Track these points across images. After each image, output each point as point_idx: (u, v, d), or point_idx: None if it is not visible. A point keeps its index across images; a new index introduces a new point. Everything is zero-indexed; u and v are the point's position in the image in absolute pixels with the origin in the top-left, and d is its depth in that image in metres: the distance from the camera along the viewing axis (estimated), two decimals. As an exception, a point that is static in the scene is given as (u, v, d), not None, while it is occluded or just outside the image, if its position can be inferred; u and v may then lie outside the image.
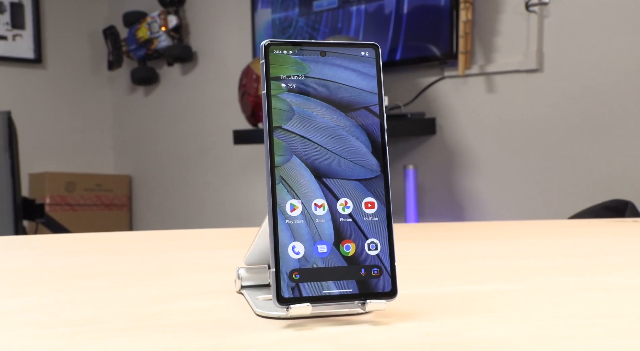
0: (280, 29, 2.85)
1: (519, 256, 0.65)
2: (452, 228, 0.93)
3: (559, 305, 0.44)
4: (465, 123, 2.38)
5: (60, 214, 3.58)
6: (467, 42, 2.29)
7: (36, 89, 3.80)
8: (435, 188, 2.45)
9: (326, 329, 0.38)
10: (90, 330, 0.37)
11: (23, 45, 3.80)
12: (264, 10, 2.92)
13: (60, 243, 0.77)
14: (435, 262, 0.61)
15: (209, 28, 3.34)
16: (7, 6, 3.80)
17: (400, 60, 2.46)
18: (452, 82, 2.39)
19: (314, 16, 2.71)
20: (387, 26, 2.47)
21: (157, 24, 3.40)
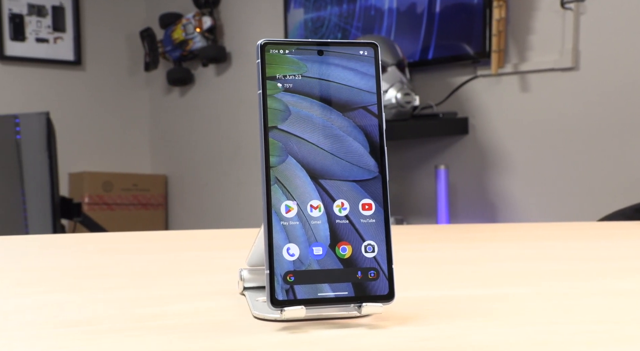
0: (313, 29, 2.85)
1: (535, 259, 0.64)
2: (473, 230, 0.92)
3: (564, 309, 0.42)
4: (498, 123, 2.34)
5: (99, 213, 3.64)
6: (501, 41, 2.25)
7: (76, 91, 3.87)
8: (467, 189, 2.42)
9: (320, 332, 0.38)
10: (84, 331, 0.37)
11: (64, 48, 3.88)
12: (297, 11, 2.93)
13: (79, 242, 0.78)
14: (445, 264, 0.60)
15: (242, 29, 3.36)
16: (49, 10, 3.88)
17: (432, 59, 2.43)
18: (485, 81, 2.36)
19: (346, 16, 2.71)
20: (419, 25, 2.45)
21: (192, 26, 3.43)
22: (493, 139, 2.35)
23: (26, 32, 3.78)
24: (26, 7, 3.80)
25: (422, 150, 2.54)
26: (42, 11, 3.86)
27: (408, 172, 2.59)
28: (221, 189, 3.52)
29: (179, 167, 3.87)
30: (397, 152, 2.62)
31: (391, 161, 2.63)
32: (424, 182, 2.51)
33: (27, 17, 3.79)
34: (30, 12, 3.81)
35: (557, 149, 2.20)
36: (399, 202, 2.61)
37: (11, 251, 0.71)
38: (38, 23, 3.83)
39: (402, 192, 2.60)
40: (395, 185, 2.62)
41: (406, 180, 2.60)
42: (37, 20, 3.83)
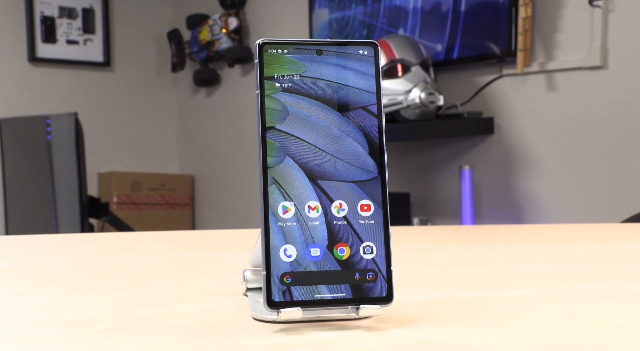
0: (337, 28, 2.85)
1: (548, 261, 0.62)
2: (490, 231, 0.90)
3: (568, 313, 0.42)
4: (524, 123, 2.31)
5: (127, 212, 3.68)
6: (527, 39, 2.22)
7: (105, 91, 3.92)
8: (492, 190, 2.39)
9: (316, 334, 0.38)
10: (82, 331, 0.37)
11: (93, 49, 3.93)
12: (322, 11, 2.92)
13: (95, 241, 0.79)
14: (455, 265, 0.59)
15: (268, 29, 3.37)
16: (79, 12, 3.94)
17: (457, 58, 2.41)
18: (511, 80, 2.33)
19: (370, 15, 2.70)
20: (444, 24, 2.43)
21: (218, 26, 3.45)
22: (519, 139, 2.32)
23: (57, 34, 3.85)
24: (57, 9, 3.86)
25: (447, 151, 2.52)
26: (72, 13, 3.92)
27: (432, 173, 2.57)
28: (247, 189, 3.53)
29: (206, 167, 3.89)
30: (422, 152, 2.60)
31: (416, 161, 2.62)
32: (449, 182, 2.49)
33: (58, 20, 3.85)
34: (61, 15, 3.87)
35: (584, 149, 2.17)
36: (423, 202, 2.59)
37: (26, 250, 0.72)
38: (69, 25, 3.89)
39: (426, 193, 2.59)
40: (420, 185, 2.60)
41: (430, 181, 2.58)
42: (68, 22, 3.89)
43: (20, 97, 3.66)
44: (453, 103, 2.39)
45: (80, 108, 3.67)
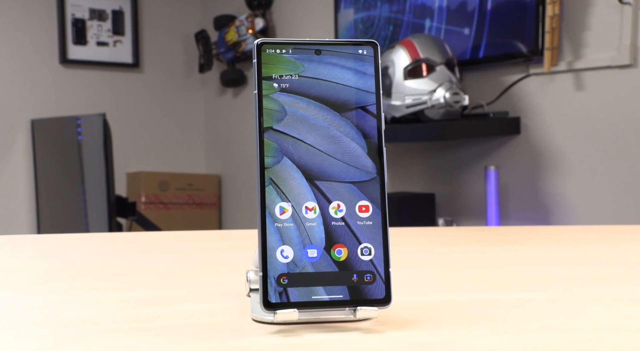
0: (363, 28, 2.84)
1: (563, 263, 0.61)
2: (510, 232, 0.89)
3: (573, 316, 0.41)
4: (551, 123, 2.27)
5: (155, 212, 3.72)
6: (554, 38, 2.19)
7: (134, 92, 3.97)
8: (519, 190, 2.36)
9: (313, 336, 0.37)
10: (80, 331, 0.38)
11: (123, 51, 3.98)
12: (347, 11, 2.92)
13: (112, 241, 0.80)
14: (465, 267, 0.58)
15: (294, 29, 3.38)
16: (109, 14, 3.99)
17: (483, 57, 2.39)
18: (538, 79, 2.29)
19: (395, 15, 2.68)
20: (470, 23, 2.41)
21: (245, 27, 3.47)
22: (546, 139, 2.29)
23: (87, 36, 3.90)
24: (88, 12, 3.91)
25: (472, 151, 2.50)
26: (102, 15, 3.98)
27: (458, 173, 2.55)
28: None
29: (233, 166, 3.92)
30: (447, 153, 2.58)
31: (441, 161, 2.60)
32: (474, 183, 2.46)
33: (89, 22, 3.91)
34: (91, 17, 3.93)
35: (613, 149, 2.13)
36: (448, 203, 2.57)
37: (42, 248, 0.73)
38: (99, 27, 3.95)
39: (451, 193, 2.56)
40: (445, 186, 2.58)
41: (456, 181, 2.56)
42: (98, 24, 3.95)
43: (51, 98, 3.73)
44: (479, 103, 2.37)
45: (109, 109, 3.72)
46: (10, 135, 3.64)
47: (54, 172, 3.54)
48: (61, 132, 3.47)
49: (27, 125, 3.66)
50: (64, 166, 3.41)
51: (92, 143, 3.12)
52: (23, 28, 3.69)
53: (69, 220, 3.41)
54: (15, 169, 3.67)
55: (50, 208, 3.59)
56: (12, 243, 0.80)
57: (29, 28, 3.70)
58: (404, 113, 2.21)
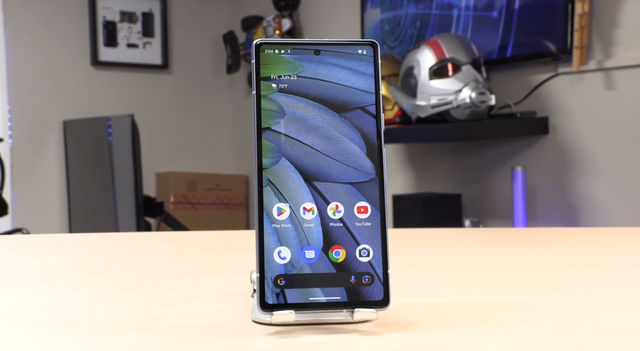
0: (389, 28, 2.83)
1: (580, 265, 0.60)
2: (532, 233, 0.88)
3: (578, 320, 0.40)
4: (580, 123, 2.24)
5: (183, 212, 3.76)
6: (583, 36, 2.15)
7: (163, 93, 4.02)
8: (546, 191, 2.33)
9: (309, 337, 0.37)
10: (81, 331, 0.38)
11: (152, 52, 4.03)
12: (373, 11, 2.91)
13: (129, 241, 0.81)
14: (474, 268, 0.58)
15: (320, 30, 3.38)
16: (139, 16, 4.05)
17: (510, 57, 2.36)
18: (567, 78, 2.26)
19: (422, 14, 2.67)
20: (497, 22, 2.38)
21: (272, 28, 3.48)
22: (575, 139, 2.25)
23: (118, 38, 3.96)
24: (118, 14, 3.97)
25: (499, 151, 2.47)
26: (132, 18, 4.03)
27: (484, 174, 2.52)
28: (300, 189, 3.55)
29: (260, 167, 3.93)
30: (473, 153, 2.56)
31: (467, 162, 2.57)
32: (501, 183, 2.43)
33: (119, 24, 3.96)
34: (122, 19, 3.98)
35: (644, 150, 2.08)
36: (474, 204, 2.54)
37: (57, 248, 0.74)
38: (129, 29, 4.00)
39: (478, 194, 2.54)
40: (471, 186, 2.55)
41: (482, 182, 2.53)
42: (128, 26, 4.00)
43: (83, 100, 3.79)
44: (506, 103, 2.34)
45: (139, 109, 3.77)
46: (44, 136, 3.71)
47: (85, 172, 3.60)
48: (92, 133, 3.53)
49: (60, 126, 3.73)
50: (95, 166, 3.47)
51: (121, 143, 3.16)
52: (56, 31, 3.75)
53: (100, 220, 3.46)
54: (48, 169, 3.74)
55: (81, 207, 3.65)
56: (32, 241, 0.81)
57: (62, 31, 3.77)
58: (429, 113, 2.19)
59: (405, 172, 2.88)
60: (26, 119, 3.67)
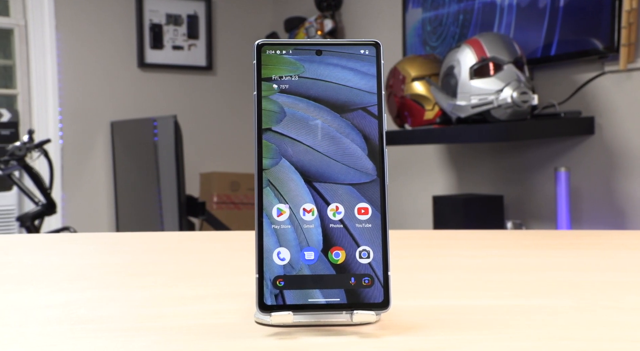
0: (431, 28, 2.80)
1: (606, 269, 0.58)
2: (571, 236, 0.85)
3: (584, 325, 0.39)
4: (628, 123, 2.17)
5: (226, 212, 3.80)
6: (631, 34, 2.09)
7: (207, 95, 4.07)
8: (592, 193, 2.27)
9: (308, 339, 0.37)
10: (85, 329, 0.39)
11: (197, 54, 4.09)
12: (415, 10, 2.89)
13: (158, 240, 0.82)
14: (492, 271, 0.56)
15: (362, 30, 3.37)
16: (184, 19, 4.11)
17: (555, 55, 2.30)
18: (614, 77, 2.19)
19: (464, 13, 2.63)
20: (541, 20, 2.33)
21: (314, 29, 3.49)
22: (622, 140, 2.19)
23: (164, 40, 4.03)
24: (164, 17, 4.04)
25: (542, 152, 2.41)
26: (178, 20, 4.09)
27: (527, 175, 2.47)
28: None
29: (302, 167, 3.94)
30: (515, 154, 2.51)
31: (509, 163, 2.53)
32: (545, 185, 2.38)
33: (165, 27, 4.03)
34: (167, 22, 4.05)
35: (695, 150, 2.01)
36: (517, 205, 2.49)
37: (84, 247, 0.76)
38: (175, 31, 4.07)
39: (520, 195, 2.49)
40: (514, 187, 2.51)
41: (525, 183, 2.48)
42: (174, 29, 4.07)
43: (129, 101, 3.87)
44: (550, 103, 2.29)
45: (184, 111, 3.83)
46: (92, 137, 3.80)
47: (132, 172, 3.67)
48: (139, 133, 3.60)
49: (107, 127, 3.81)
50: (141, 166, 3.54)
51: (165, 144, 3.22)
52: (105, 35, 3.84)
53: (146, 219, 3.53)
54: (96, 169, 3.83)
55: (128, 206, 3.73)
56: (68, 240, 0.83)
57: (110, 35, 3.86)
58: (470, 113, 2.16)
59: (445, 173, 2.84)
60: (76, 120, 3.77)
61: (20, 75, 3.73)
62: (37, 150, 2.70)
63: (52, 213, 2.71)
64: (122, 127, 3.75)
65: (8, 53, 3.80)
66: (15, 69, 3.75)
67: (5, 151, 2.66)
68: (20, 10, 3.74)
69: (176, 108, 3.80)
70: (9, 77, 3.80)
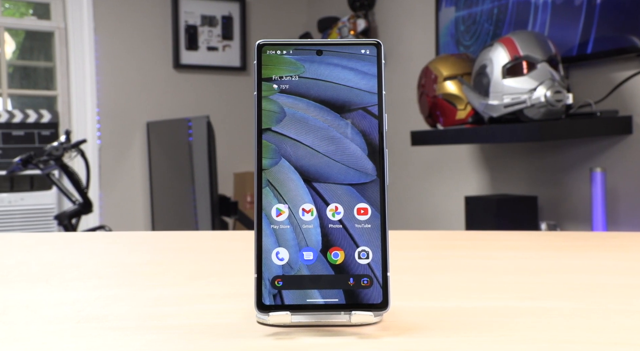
0: (464, 27, 2.77)
1: (619, 272, 0.57)
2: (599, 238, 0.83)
3: (589, 328, 0.38)
4: (666, 122, 2.11)
5: (260, 211, 3.81)
6: (670, 30, 2.03)
7: (242, 95, 4.10)
8: (629, 194, 2.21)
9: (305, 339, 0.37)
10: (90, 327, 0.39)
11: (231, 55, 4.12)
12: (448, 9, 2.86)
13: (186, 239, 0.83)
14: (504, 273, 0.55)
15: (395, 29, 3.35)
16: (219, 20, 4.15)
17: (591, 53, 2.26)
18: (652, 75, 2.14)
19: (497, 12, 2.60)
20: (577, 17, 2.29)
21: (347, 28, 3.49)
22: (660, 139, 2.13)
23: (199, 41, 4.07)
24: (199, 18, 4.08)
25: (578, 152, 2.37)
26: (213, 21, 4.13)
27: (562, 175, 2.43)
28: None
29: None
30: (550, 154, 2.46)
31: (543, 163, 2.49)
32: (580, 185, 2.33)
33: (200, 28, 4.08)
34: (202, 23, 4.09)
35: None
36: (551, 206, 2.45)
37: (104, 246, 0.77)
38: (209, 32, 4.11)
39: (555, 196, 2.45)
40: (548, 188, 2.46)
41: (560, 184, 2.44)
42: (209, 30, 4.11)
43: (165, 102, 3.92)
44: (586, 102, 2.24)
45: (218, 111, 3.86)
46: (129, 137, 3.87)
47: (167, 172, 3.72)
48: (174, 134, 3.65)
49: (144, 127, 3.87)
50: (176, 166, 3.58)
51: (199, 144, 3.25)
52: (141, 37, 3.90)
53: (181, 218, 3.57)
54: (133, 169, 3.89)
55: (163, 206, 3.78)
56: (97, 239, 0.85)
57: (147, 36, 3.92)
58: (502, 113, 2.13)
59: (478, 173, 2.81)
60: (113, 121, 3.83)
61: (60, 77, 3.82)
62: (73, 150, 2.76)
63: (89, 212, 2.76)
64: (158, 127, 3.80)
65: (49, 55, 3.89)
66: (55, 71, 3.84)
67: (43, 151, 2.72)
68: (61, 13, 3.82)
69: (211, 108, 3.84)
70: (50, 79, 3.89)
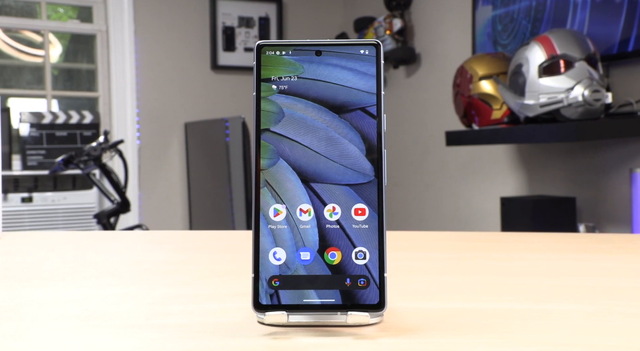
0: (502, 26, 2.73)
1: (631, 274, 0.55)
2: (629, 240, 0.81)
3: (592, 330, 0.37)
4: None
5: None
6: None
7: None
8: (670, 195, 2.15)
9: (302, 339, 0.37)
10: (93, 325, 0.40)
11: (269, 56, 4.15)
12: (485, 8, 2.82)
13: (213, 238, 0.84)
14: (514, 275, 0.54)
15: (431, 29, 3.33)
16: (256, 21, 4.18)
17: (632, 51, 2.20)
18: (695, 73, 2.08)
19: (535, 10, 2.55)
20: (617, 15, 2.23)
21: (383, 28, 3.47)
22: (703, 139, 2.07)
23: (236, 42, 4.11)
24: (237, 19, 4.12)
25: (617, 152, 2.31)
26: (250, 22, 4.17)
27: (601, 176, 2.37)
28: (408, 191, 3.51)
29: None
30: (588, 154, 2.41)
31: (582, 163, 2.43)
32: (620, 186, 2.28)
33: (237, 29, 4.11)
34: (240, 24, 4.13)
35: None
36: (590, 208, 2.40)
37: (126, 245, 0.78)
38: (246, 34, 4.14)
39: (594, 197, 2.39)
40: (586, 189, 2.41)
41: (599, 185, 2.38)
42: (246, 31, 4.14)
43: (202, 102, 3.97)
44: (627, 101, 2.19)
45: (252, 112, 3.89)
46: (167, 138, 3.93)
47: (205, 172, 3.77)
48: (211, 134, 3.69)
49: (181, 128, 3.93)
50: (213, 166, 3.62)
51: (236, 144, 3.28)
52: (180, 39, 3.96)
53: (218, 217, 3.61)
54: (171, 169, 3.95)
55: (201, 205, 3.83)
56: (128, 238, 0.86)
57: (185, 38, 3.97)
58: (538, 112, 2.10)
59: (514, 174, 2.77)
60: (152, 122, 3.90)
61: (102, 79, 3.90)
62: (112, 150, 2.81)
63: (127, 211, 2.81)
64: (196, 128, 3.85)
65: (91, 58, 3.97)
66: (97, 73, 3.92)
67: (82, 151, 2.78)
68: (102, 16, 3.90)
69: (247, 109, 3.87)
70: (92, 81, 3.97)
